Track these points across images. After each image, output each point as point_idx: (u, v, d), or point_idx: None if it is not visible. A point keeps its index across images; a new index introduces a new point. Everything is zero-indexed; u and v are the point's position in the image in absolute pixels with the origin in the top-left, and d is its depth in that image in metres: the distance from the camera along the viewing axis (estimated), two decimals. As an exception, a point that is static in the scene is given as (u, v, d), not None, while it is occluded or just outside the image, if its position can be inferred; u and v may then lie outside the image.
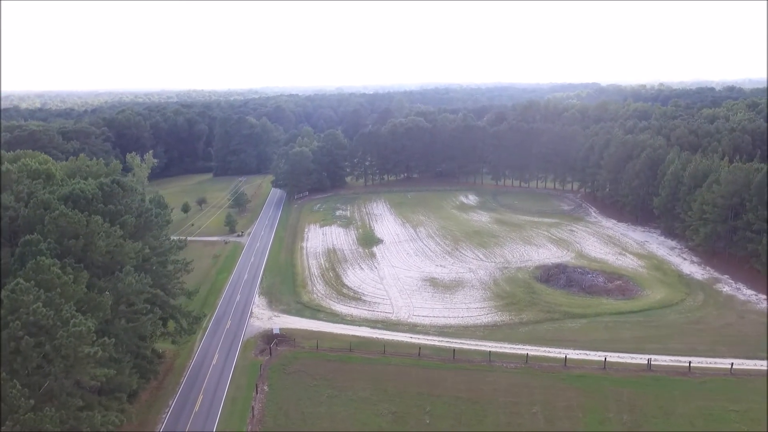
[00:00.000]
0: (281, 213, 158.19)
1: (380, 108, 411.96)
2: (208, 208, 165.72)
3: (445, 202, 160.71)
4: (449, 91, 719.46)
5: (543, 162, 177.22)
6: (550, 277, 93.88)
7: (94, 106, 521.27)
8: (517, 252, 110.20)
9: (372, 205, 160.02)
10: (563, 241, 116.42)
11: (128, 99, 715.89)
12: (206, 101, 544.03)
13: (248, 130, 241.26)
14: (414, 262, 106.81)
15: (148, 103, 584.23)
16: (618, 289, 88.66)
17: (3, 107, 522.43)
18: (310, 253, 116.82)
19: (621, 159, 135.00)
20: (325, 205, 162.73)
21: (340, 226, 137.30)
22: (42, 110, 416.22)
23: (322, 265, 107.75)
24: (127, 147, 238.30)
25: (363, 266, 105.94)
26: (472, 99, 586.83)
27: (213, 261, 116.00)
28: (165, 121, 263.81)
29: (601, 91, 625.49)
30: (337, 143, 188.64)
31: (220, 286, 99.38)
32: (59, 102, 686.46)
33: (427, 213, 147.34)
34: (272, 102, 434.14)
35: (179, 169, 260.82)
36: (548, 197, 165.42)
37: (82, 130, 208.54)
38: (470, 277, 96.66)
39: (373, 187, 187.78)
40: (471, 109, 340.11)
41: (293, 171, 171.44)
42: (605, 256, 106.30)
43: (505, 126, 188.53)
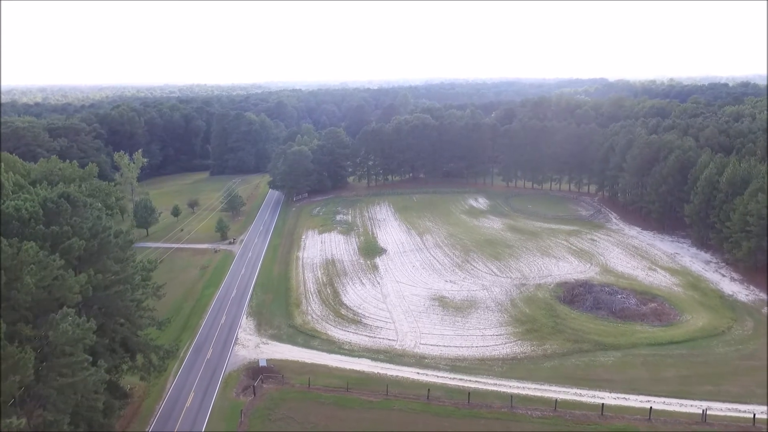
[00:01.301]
0: (278, 217, 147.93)
1: (384, 103, 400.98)
2: (200, 211, 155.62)
3: (454, 206, 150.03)
4: (455, 86, 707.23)
5: (557, 163, 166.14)
6: (574, 298, 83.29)
7: (93, 101, 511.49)
8: (534, 265, 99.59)
9: (375, 209, 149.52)
10: (585, 253, 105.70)
11: (130, 94, 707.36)
12: (207, 96, 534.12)
13: (247, 127, 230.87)
14: (420, 276, 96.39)
15: (148, 97, 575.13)
16: (653, 312, 78.04)
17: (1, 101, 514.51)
18: (307, 264, 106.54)
19: (646, 161, 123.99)
20: (325, 209, 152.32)
21: (341, 233, 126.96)
22: (38, 105, 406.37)
23: (319, 280, 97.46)
24: (121, 144, 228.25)
25: (364, 281, 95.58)
26: (478, 94, 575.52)
27: (200, 273, 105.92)
28: (161, 117, 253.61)
29: (609, 86, 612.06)
30: (338, 142, 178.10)
31: (204, 304, 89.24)
32: (60, 96, 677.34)
33: (434, 218, 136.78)
34: (274, 97, 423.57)
35: (175, 167, 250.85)
36: (564, 201, 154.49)
37: (71, 126, 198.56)
38: (484, 296, 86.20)
39: (377, 189, 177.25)
40: (478, 105, 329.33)
41: (291, 172, 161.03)
42: (634, 272, 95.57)
43: (516, 124, 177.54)
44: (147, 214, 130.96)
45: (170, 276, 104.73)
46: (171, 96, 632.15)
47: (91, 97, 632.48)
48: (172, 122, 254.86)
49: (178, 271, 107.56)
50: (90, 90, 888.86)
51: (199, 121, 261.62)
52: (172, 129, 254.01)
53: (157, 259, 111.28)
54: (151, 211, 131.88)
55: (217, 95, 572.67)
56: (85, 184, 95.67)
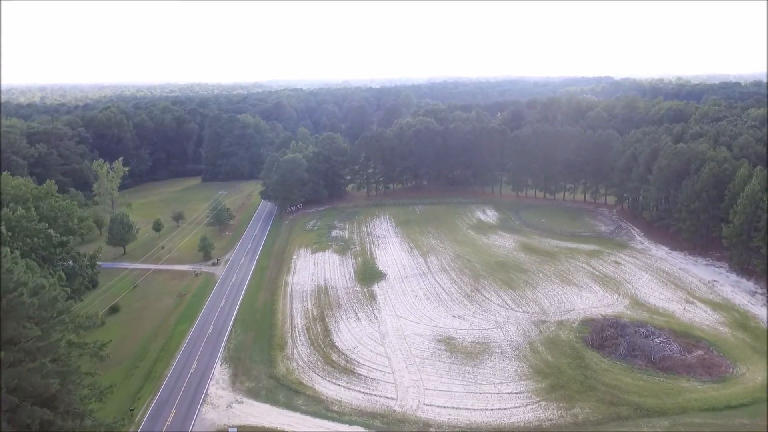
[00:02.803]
0: (268, 232, 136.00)
1: (387, 104, 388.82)
2: (186, 225, 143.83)
3: (460, 220, 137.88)
4: (458, 85, 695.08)
5: (572, 171, 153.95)
6: (604, 341, 71.14)
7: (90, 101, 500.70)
8: (554, 296, 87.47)
9: (375, 223, 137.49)
10: (610, 280, 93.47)
11: (129, 93, 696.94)
12: (206, 96, 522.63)
13: (240, 131, 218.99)
14: (424, 309, 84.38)
15: (146, 97, 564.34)
16: (700, 363, 65.89)
17: None
18: (296, 292, 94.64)
19: (674, 174, 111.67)
20: (321, 222, 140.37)
21: (336, 252, 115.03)
22: (30, 106, 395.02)
23: (308, 313, 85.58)
24: (108, 149, 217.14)
25: (360, 315, 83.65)
26: (482, 93, 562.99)
27: (176, 302, 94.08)
28: (151, 120, 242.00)
29: (616, 85, 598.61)
30: (335, 148, 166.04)
31: (176, 345, 77.43)
32: (59, 96, 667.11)
33: (438, 234, 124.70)
34: (274, 97, 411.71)
35: (166, 172, 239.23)
36: (580, 214, 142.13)
37: (52, 131, 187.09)
38: (498, 337, 74.16)
39: (377, 198, 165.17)
40: (483, 106, 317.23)
41: (284, 182, 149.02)
42: (669, 305, 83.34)
43: (527, 129, 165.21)
44: (123, 230, 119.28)
45: (142, 305, 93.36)
46: (170, 95, 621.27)
47: (90, 97, 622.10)
48: (163, 125, 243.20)
49: (151, 299, 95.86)
50: (91, 89, 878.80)
51: (192, 124, 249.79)
52: (163, 132, 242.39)
53: (132, 282, 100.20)
54: (128, 227, 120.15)
55: (217, 95, 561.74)
56: (43, 203, 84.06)
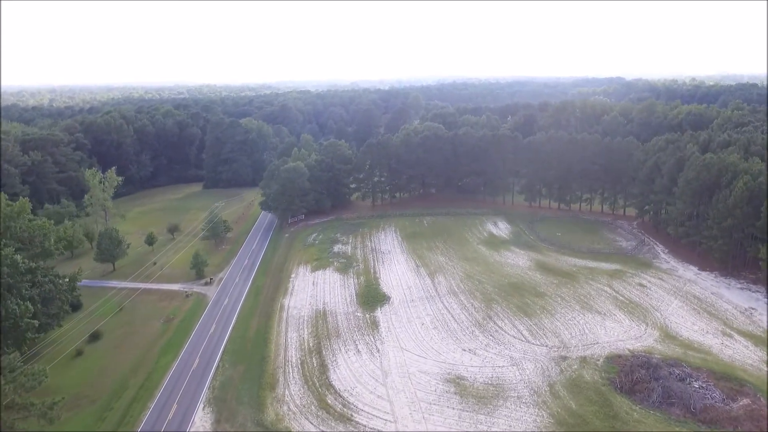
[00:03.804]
0: (267, 246, 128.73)
1: (395, 106, 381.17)
2: (181, 237, 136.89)
3: (470, 233, 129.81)
4: (467, 86, 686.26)
5: (588, 180, 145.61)
6: (635, 384, 62.92)
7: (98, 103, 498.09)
8: (575, 325, 79.30)
9: (379, 236, 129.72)
10: (636, 307, 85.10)
11: (138, 94, 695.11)
12: (212, 98, 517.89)
13: (242, 137, 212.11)
14: (431, 341, 76.52)
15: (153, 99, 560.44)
16: (747, 414, 57.54)
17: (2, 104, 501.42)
18: (293, 317, 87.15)
19: (704, 187, 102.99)
20: (322, 235, 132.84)
21: (337, 270, 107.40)
22: (35, 109, 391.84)
23: (304, 343, 78.03)
24: (107, 155, 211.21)
25: (361, 346, 75.99)
26: (492, 95, 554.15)
27: (162, 328, 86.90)
28: (153, 125, 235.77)
29: (627, 86, 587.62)
30: (339, 156, 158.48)
31: (156, 382, 70.17)
32: (67, 98, 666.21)
33: (447, 250, 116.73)
34: (280, 99, 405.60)
35: (168, 178, 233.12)
36: (598, 227, 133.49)
37: (48, 137, 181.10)
38: (514, 378, 66.17)
39: (382, 209, 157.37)
40: (494, 108, 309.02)
41: (285, 192, 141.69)
42: (703, 338, 74.94)
43: (541, 136, 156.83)
44: (112, 246, 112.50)
45: (126, 331, 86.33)
46: (177, 97, 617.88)
47: (98, 98, 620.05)
48: (165, 130, 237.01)
49: (137, 324, 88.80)
50: (99, 90, 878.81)
51: (194, 128, 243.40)
52: (165, 137, 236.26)
53: (118, 304, 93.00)
54: (118, 242, 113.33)
55: (224, 97, 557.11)
56: (16, 223, 77.16)
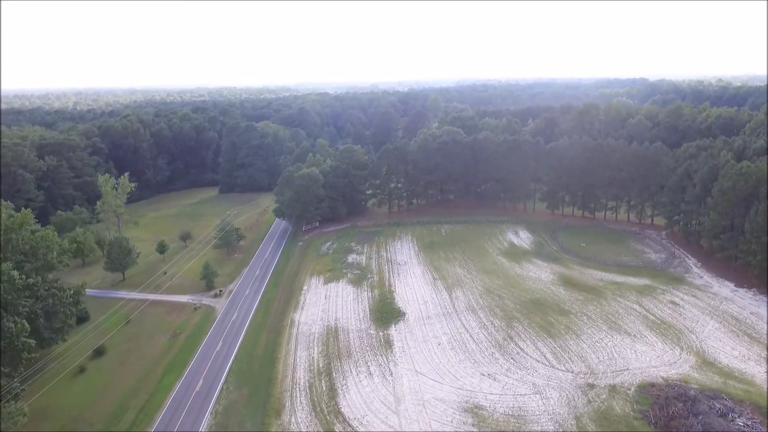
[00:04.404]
0: (280, 255, 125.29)
1: (414, 108, 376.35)
2: (193, 245, 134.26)
3: (490, 243, 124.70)
4: (487, 87, 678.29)
5: (614, 188, 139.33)
6: (671, 419, 57.55)
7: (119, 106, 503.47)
8: (602, 348, 73.94)
9: (395, 246, 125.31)
10: (669, 328, 79.34)
11: (159, 97, 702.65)
12: (232, 101, 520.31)
13: (258, 141, 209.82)
14: (448, 363, 71.90)
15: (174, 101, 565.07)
16: (799, 457, 51.84)
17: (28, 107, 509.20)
18: (302, 334, 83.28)
19: (740, 198, 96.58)
20: (337, 244, 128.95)
21: (351, 283, 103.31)
22: (57, 112, 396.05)
23: (313, 364, 74.03)
24: (124, 160, 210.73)
25: (373, 368, 71.71)
26: (512, 97, 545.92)
27: (168, 344, 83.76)
28: (170, 129, 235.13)
29: (651, 87, 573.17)
30: (355, 162, 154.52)
31: (156, 405, 66.82)
32: (91, 101, 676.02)
33: (466, 262, 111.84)
34: (299, 102, 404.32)
35: (185, 182, 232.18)
36: (624, 237, 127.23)
37: (65, 142, 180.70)
38: (537, 408, 61.23)
39: (399, 216, 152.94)
40: (514, 111, 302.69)
41: (299, 199, 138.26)
42: (745, 365, 69.00)
43: (564, 142, 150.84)
44: (122, 255, 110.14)
45: (131, 347, 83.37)
46: (198, 100, 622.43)
47: (121, 101, 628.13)
48: (182, 134, 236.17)
49: (142, 339, 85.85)
50: (123, 93, 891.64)
51: (211, 132, 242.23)
52: (182, 141, 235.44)
53: (125, 317, 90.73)
54: (127, 251, 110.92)
55: (243, 99, 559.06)
56: (17, 235, 74.63)
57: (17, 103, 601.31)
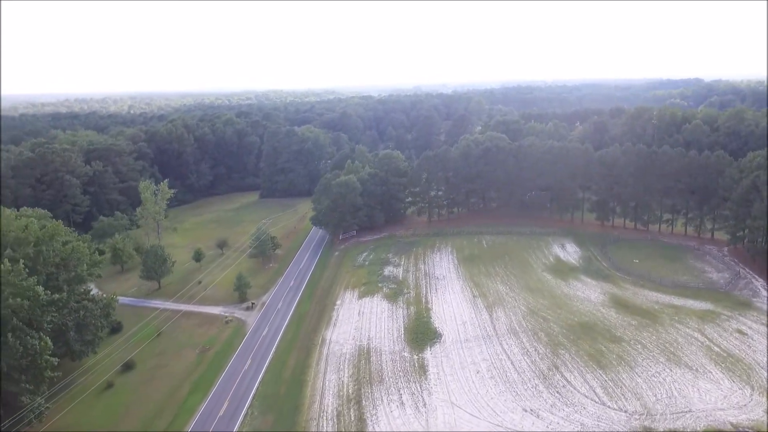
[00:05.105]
0: (315, 266, 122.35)
1: (457, 111, 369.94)
2: (230, 253, 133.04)
3: (534, 257, 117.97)
4: (533, 89, 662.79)
5: (671, 198, 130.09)
6: (742, 475, 50.52)
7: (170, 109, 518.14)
8: (661, 384, 66.82)
9: (434, 258, 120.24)
10: (736, 362, 71.28)
11: (209, 100, 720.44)
12: (277, 104, 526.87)
13: (298, 146, 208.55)
14: (487, 394, 66.48)
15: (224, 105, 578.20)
16: None
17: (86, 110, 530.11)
18: (333, 355, 79.51)
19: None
20: (374, 255, 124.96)
21: (386, 298, 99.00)
22: (111, 116, 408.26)
23: (343, 389, 70.04)
24: (168, 164, 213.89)
25: (405, 397, 67.08)
26: (559, 99, 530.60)
27: (196, 361, 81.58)
28: (213, 133, 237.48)
29: (707, 88, 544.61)
30: (394, 169, 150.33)
31: (180, 427, 64.27)
32: (144, 105, 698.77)
33: (508, 277, 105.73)
34: (342, 105, 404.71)
35: (226, 186, 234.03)
36: (681, 253, 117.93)
37: (111, 147, 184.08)
38: (585, 452, 55.19)
39: (439, 225, 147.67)
40: (561, 115, 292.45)
41: (336, 207, 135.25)
42: (828, 411, 60.72)
43: (615, 150, 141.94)
44: (158, 264, 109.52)
45: (160, 362, 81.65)
46: (244, 103, 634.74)
47: (172, 105, 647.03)
48: (224, 139, 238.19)
49: (171, 354, 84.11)
50: (175, 97, 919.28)
51: (253, 137, 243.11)
52: (224, 146, 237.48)
53: (157, 328, 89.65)
54: (163, 260, 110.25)
55: (288, 103, 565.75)
56: (47, 247, 73.87)
57: (77, 107, 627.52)
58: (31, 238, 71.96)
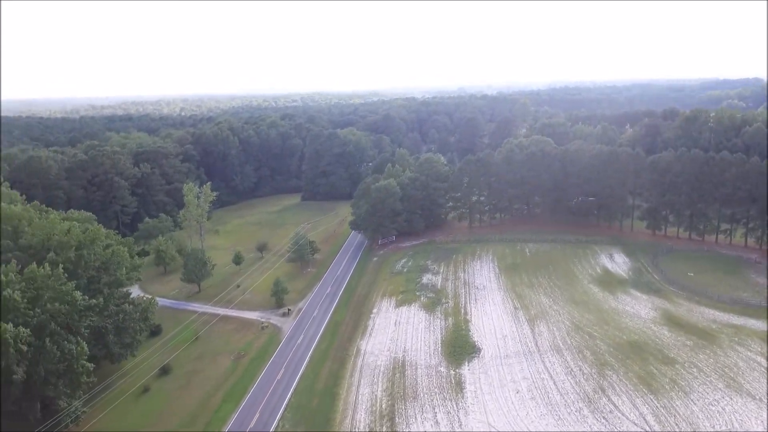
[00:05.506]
0: (353, 271, 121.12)
1: (501, 113, 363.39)
2: (269, 256, 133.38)
3: (580, 267, 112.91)
4: (580, 90, 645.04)
5: (729, 207, 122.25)
6: None
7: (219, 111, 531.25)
8: (719, 415, 61.69)
9: (474, 266, 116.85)
10: (804, 391, 65.36)
11: (256, 103, 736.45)
12: (321, 106, 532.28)
13: (340, 149, 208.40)
14: (527, 418, 63.08)
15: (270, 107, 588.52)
16: None
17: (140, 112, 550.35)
18: (367, 366, 77.66)
19: None
20: (412, 262, 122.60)
21: (424, 308, 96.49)
22: (162, 119, 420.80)
23: (376, 404, 68.04)
24: (213, 166, 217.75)
25: (440, 416, 64.47)
26: (608, 100, 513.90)
27: (231, 367, 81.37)
28: (257, 136, 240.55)
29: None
30: (435, 173, 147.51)
31: (211, 438, 63.82)
32: (195, 107, 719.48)
33: (552, 288, 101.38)
34: (385, 107, 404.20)
35: (269, 188, 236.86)
36: (742, 267, 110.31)
37: (158, 150, 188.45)
38: (633, 487, 51.21)
39: (481, 232, 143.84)
40: (610, 117, 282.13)
41: (375, 212, 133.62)
42: None
43: (668, 155, 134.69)
44: (198, 267, 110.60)
45: (195, 368, 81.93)
46: (290, 105, 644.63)
47: (221, 107, 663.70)
48: (268, 141, 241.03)
49: (207, 359, 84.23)
50: (225, 99, 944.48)
51: (296, 140, 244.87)
52: (268, 148, 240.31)
53: (195, 332, 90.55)
54: (203, 264, 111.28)
55: (332, 105, 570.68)
56: (89, 251, 75.08)
57: (133, 109, 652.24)
58: (73, 242, 73.35)
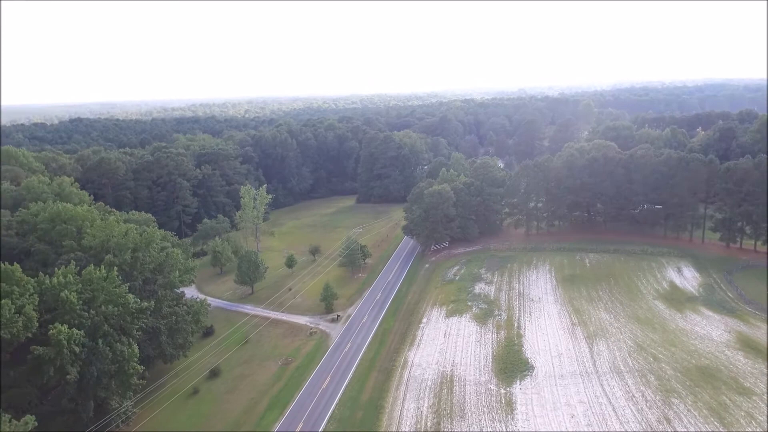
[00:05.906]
0: (404, 277, 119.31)
1: (563, 115, 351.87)
2: (321, 260, 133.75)
3: (645, 281, 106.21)
4: (648, 90, 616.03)
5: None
6: None
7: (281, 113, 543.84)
8: (799, 454, 55.75)
9: (530, 277, 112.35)
10: None
11: (317, 104, 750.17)
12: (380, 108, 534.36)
13: (395, 152, 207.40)
14: (582, 444, 59.16)
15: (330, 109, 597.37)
16: None
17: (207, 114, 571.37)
18: (414, 379, 75.59)
19: None
20: (465, 269, 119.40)
21: (475, 319, 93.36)
22: (227, 121, 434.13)
23: (421, 421, 65.84)
24: (272, 168, 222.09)
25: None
26: (677, 101, 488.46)
27: (278, 373, 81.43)
28: (315, 138, 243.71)
29: None
30: (490, 178, 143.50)
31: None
32: (258, 109, 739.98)
33: (613, 304, 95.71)
34: (442, 109, 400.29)
35: (326, 190, 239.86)
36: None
37: (219, 152, 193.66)
38: None
39: (537, 240, 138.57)
40: (680, 119, 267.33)
41: (428, 218, 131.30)
42: None
43: (746, 162, 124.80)
44: (251, 269, 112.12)
45: (243, 372, 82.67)
46: (349, 107, 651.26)
47: (284, 109, 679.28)
48: (325, 143, 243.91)
49: (255, 364, 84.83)
50: (287, 101, 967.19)
51: (352, 142, 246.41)
52: (325, 150, 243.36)
53: (245, 335, 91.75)
54: (256, 266, 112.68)
55: (391, 107, 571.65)
56: (144, 254, 77.05)
57: (200, 111, 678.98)
58: (130, 244, 75.45)
